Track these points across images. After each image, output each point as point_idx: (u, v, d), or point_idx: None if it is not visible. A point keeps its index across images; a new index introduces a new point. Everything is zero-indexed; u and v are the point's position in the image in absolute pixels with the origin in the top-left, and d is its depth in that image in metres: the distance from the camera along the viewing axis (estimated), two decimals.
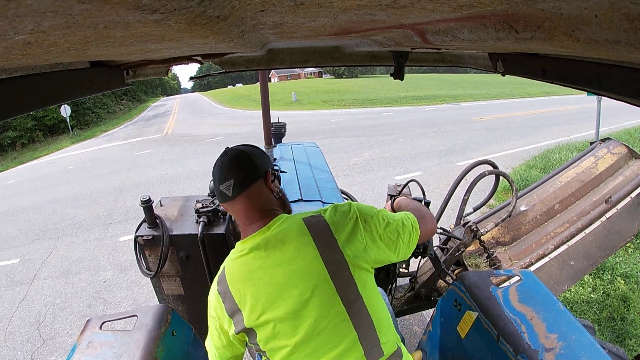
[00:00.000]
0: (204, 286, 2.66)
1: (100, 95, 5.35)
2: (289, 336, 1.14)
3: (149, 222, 2.52)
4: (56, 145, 19.86)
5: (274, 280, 1.16)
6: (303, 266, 1.16)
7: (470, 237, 2.77)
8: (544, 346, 1.40)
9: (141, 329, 1.64)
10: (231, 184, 1.25)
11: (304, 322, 1.13)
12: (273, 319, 1.15)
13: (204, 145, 13.96)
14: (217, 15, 0.45)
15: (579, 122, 14.57)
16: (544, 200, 3.23)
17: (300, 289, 1.14)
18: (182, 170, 10.27)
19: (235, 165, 1.27)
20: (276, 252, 1.18)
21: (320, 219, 1.24)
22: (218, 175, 1.28)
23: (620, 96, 0.73)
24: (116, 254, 5.81)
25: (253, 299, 1.17)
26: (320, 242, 1.18)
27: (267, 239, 1.21)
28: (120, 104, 38.83)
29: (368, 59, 2.03)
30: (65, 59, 0.74)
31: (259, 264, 1.19)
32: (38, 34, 0.35)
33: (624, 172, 3.33)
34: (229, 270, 1.24)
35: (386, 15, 0.65)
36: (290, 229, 1.21)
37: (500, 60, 1.22)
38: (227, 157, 1.29)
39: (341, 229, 1.22)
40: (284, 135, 4.54)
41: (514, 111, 17.98)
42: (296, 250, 1.17)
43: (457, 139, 12.06)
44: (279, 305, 1.14)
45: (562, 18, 0.46)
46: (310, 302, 1.14)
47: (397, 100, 25.80)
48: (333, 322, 1.14)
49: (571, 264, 2.97)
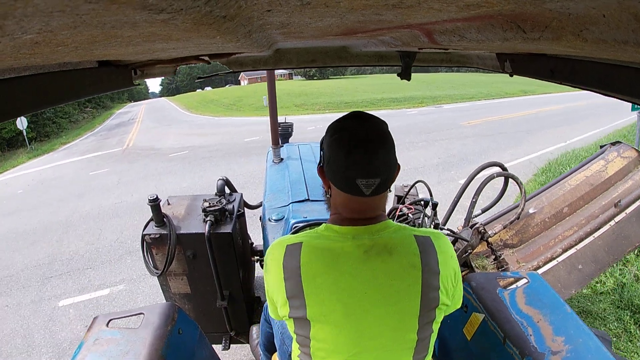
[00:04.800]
0: (211, 285, 2.68)
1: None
2: (346, 346, 1.05)
3: (156, 221, 2.54)
4: (12, 161, 17.73)
5: (364, 287, 1.04)
6: (400, 290, 1.04)
7: (478, 239, 2.75)
8: (551, 349, 1.39)
9: (147, 326, 1.66)
10: (376, 183, 1.02)
11: (367, 340, 1.05)
12: (339, 324, 1.04)
13: (166, 162, 12.07)
14: (224, 15, 0.45)
15: (570, 123, 14.30)
16: (553, 203, 3.20)
17: (384, 310, 1.04)
18: (138, 198, 8.57)
19: (386, 160, 1.03)
20: (378, 260, 1.04)
21: (429, 241, 1.09)
22: (362, 165, 1.01)
23: (629, 97, 0.73)
24: (54, 327, 4.52)
25: (328, 292, 1.03)
26: (427, 270, 1.06)
27: (373, 241, 1.06)
28: (84, 112, 36.01)
29: (375, 59, 2.02)
30: (74, 59, 0.75)
31: (352, 260, 1.05)
32: (46, 34, 0.36)
33: (633, 176, 3.29)
34: (307, 248, 1.07)
35: (393, 15, 0.65)
36: (403, 244, 1.07)
37: (508, 60, 1.21)
38: (377, 143, 1.03)
39: (446, 266, 1.09)
40: (291, 135, 4.55)
41: (500, 113, 17.58)
42: (401, 270, 1.04)
43: (450, 149, 11.25)
44: (354, 313, 1.04)
45: (570, 18, 0.46)
46: (387, 325, 1.04)
47: (374, 103, 24.56)
48: (397, 352, 1.07)
49: (579, 267, 2.94)
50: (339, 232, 1.09)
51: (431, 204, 2.46)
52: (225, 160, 11.48)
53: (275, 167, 3.70)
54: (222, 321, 2.84)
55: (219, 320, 2.84)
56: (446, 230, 2.43)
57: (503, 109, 19.16)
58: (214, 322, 2.87)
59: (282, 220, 2.64)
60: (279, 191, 3.09)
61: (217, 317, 2.83)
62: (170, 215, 2.61)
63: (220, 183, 2.90)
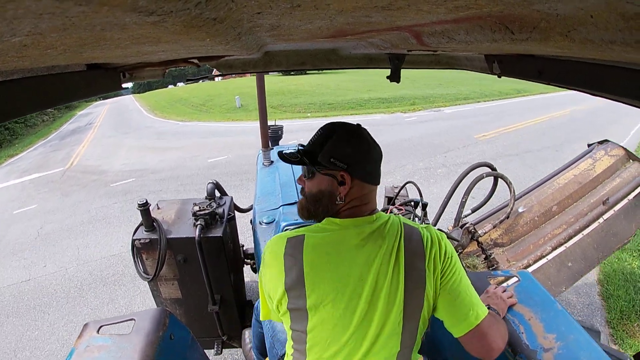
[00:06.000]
0: (202, 289, 2.66)
1: None
2: (341, 334, 1.09)
3: (146, 226, 2.51)
4: None
5: (359, 272, 1.10)
6: (387, 272, 1.11)
7: (468, 239, 2.78)
8: (543, 346, 1.40)
9: (139, 332, 1.64)
10: (379, 168, 1.23)
11: (360, 327, 1.09)
12: (336, 312, 1.09)
13: (105, 197, 8.83)
14: (214, 18, 0.45)
15: (599, 130, 11.70)
16: (542, 202, 3.23)
17: (375, 293, 1.10)
18: (51, 272, 5.47)
19: (378, 153, 1.22)
20: (374, 245, 1.13)
21: (416, 230, 1.20)
22: (372, 155, 1.19)
23: (616, 96, 0.74)
24: None
25: (328, 281, 1.09)
26: (410, 251, 1.14)
27: (371, 229, 1.15)
28: (45, 113, 30.61)
29: (365, 61, 2.03)
30: (62, 62, 0.74)
31: (351, 247, 1.12)
32: (35, 36, 0.35)
33: (621, 174, 3.34)
34: (310, 240, 1.14)
35: (382, 17, 0.65)
36: (392, 229, 1.17)
37: (496, 61, 1.22)
38: (369, 143, 1.20)
39: (433, 255, 1.16)
40: (280, 137, 4.55)
41: (509, 122, 14.07)
42: (389, 252, 1.13)
43: (482, 181, 5.76)
44: (351, 299, 1.09)
45: (558, 19, 0.46)
46: (377, 308, 1.10)
47: (362, 105, 20.96)
48: (386, 339, 1.11)
49: (569, 265, 2.98)
50: (341, 225, 1.16)
51: (421, 205, 2.48)
52: (178, 196, 8.36)
53: (265, 170, 3.69)
54: (214, 326, 2.82)
55: (211, 324, 2.82)
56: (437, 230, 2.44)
57: (509, 115, 15.71)
58: (205, 327, 2.85)
59: (272, 223, 2.63)
60: (269, 194, 3.08)
61: (208, 321, 2.81)
62: (160, 219, 2.59)
63: (211, 186, 2.88)
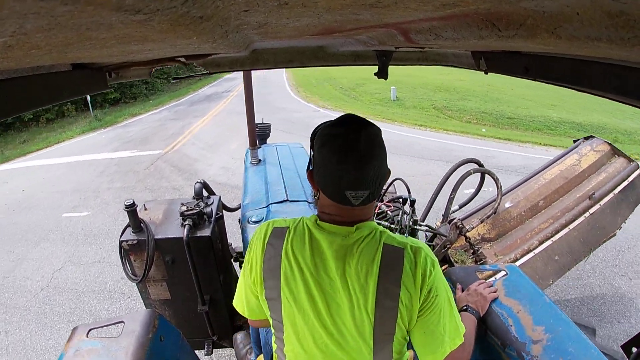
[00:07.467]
0: (191, 290, 2.64)
1: None
2: (313, 335, 1.10)
3: (133, 227, 2.48)
4: (67, 132, 14.10)
5: (331, 283, 1.07)
6: (357, 295, 1.05)
7: (456, 234, 2.80)
8: (531, 338, 1.42)
9: (128, 335, 1.62)
10: (365, 195, 1.01)
11: (331, 334, 1.08)
12: (307, 311, 1.08)
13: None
14: (201, 16, 0.45)
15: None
16: (529, 197, 3.28)
17: (344, 309, 1.07)
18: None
19: (377, 172, 1.02)
20: (344, 261, 1.07)
21: (400, 253, 1.07)
22: (353, 177, 0.99)
23: (602, 92, 0.75)
24: None
25: (301, 279, 1.08)
26: (385, 280, 1.04)
27: (344, 242, 1.07)
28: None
29: (352, 58, 2.03)
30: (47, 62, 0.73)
31: (326, 255, 1.07)
32: (19, 37, 0.34)
33: (607, 169, 3.40)
34: (292, 232, 1.12)
35: (370, 15, 0.65)
36: (368, 251, 1.06)
37: (483, 58, 1.23)
38: (369, 156, 1.00)
39: (413, 281, 1.05)
40: (268, 136, 4.52)
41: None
42: (359, 276, 1.05)
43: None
44: (321, 306, 1.07)
45: (545, 16, 0.47)
46: (346, 324, 1.07)
47: (552, 128, 12.78)
48: (357, 352, 1.09)
49: (556, 258, 3.02)
50: (320, 226, 1.11)
51: (409, 201, 2.49)
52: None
53: (253, 169, 3.67)
54: (204, 326, 2.80)
55: (201, 325, 2.80)
56: (424, 226, 2.46)
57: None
58: (195, 328, 2.83)
59: (261, 221, 2.63)
60: (257, 193, 3.06)
61: (198, 322, 2.79)
62: (147, 220, 2.56)
63: (198, 186, 2.85)
